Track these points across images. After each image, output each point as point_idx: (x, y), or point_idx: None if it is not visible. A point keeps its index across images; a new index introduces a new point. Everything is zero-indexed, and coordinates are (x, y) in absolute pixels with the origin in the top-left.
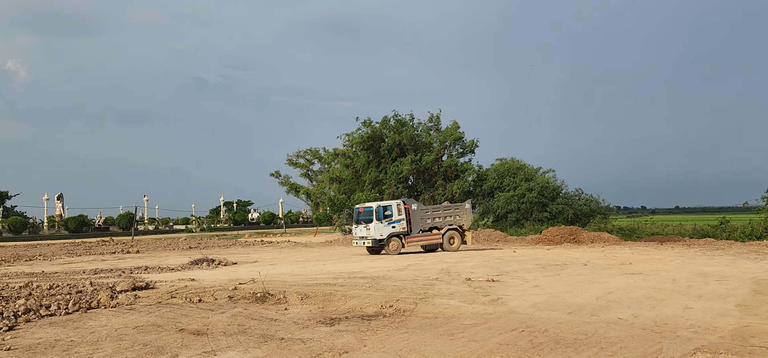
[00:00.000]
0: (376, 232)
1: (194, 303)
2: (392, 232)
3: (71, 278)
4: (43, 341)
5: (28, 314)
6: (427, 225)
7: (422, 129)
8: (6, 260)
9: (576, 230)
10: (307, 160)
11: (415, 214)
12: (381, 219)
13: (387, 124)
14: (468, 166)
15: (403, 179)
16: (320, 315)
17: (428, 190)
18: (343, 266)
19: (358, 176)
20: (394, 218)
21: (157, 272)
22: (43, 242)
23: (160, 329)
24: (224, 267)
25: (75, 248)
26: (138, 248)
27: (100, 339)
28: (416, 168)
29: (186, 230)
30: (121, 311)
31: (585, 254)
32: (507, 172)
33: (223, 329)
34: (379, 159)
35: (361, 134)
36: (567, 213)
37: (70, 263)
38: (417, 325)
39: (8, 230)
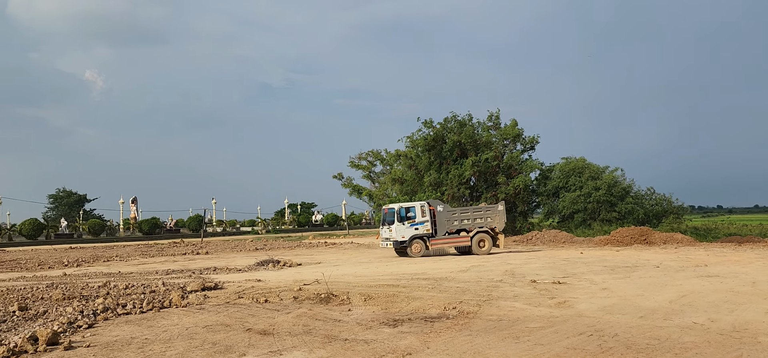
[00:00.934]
0: (398, 233)
1: (261, 303)
2: (415, 234)
3: (145, 278)
4: (120, 339)
5: (106, 312)
6: (455, 227)
7: (482, 128)
8: (86, 261)
9: (647, 231)
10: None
11: (441, 216)
12: (403, 221)
13: (448, 125)
14: (531, 162)
15: (464, 180)
16: (383, 316)
17: (490, 189)
18: (405, 267)
19: (420, 178)
20: (418, 219)
21: (225, 272)
22: (119, 243)
23: (228, 328)
24: (289, 268)
25: (148, 249)
26: (207, 250)
27: (172, 338)
28: (477, 169)
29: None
30: (191, 311)
31: (657, 255)
32: (572, 171)
33: (288, 329)
34: (440, 160)
35: (422, 135)
36: (637, 213)
37: (144, 263)
38: (481, 327)
39: (88, 231)
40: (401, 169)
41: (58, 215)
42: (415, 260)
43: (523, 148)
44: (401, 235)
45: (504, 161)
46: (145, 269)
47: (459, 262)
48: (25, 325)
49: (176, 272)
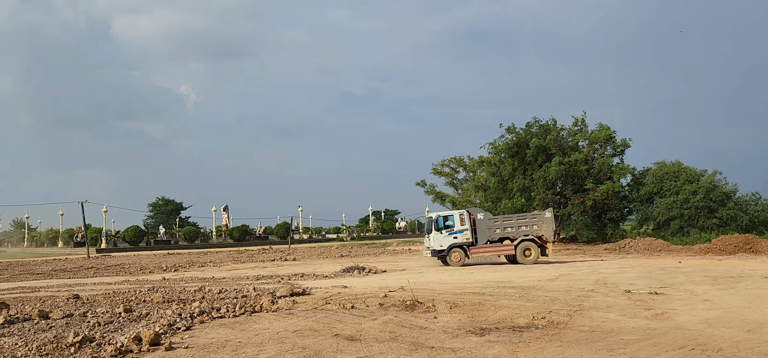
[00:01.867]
0: (436, 242)
1: (347, 309)
2: (454, 242)
3: (237, 283)
4: (215, 341)
5: (202, 315)
6: (497, 236)
7: (567, 133)
8: (182, 266)
9: (753, 239)
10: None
11: (481, 224)
12: (441, 229)
13: (531, 130)
14: (623, 166)
15: (550, 183)
16: (470, 324)
17: (578, 194)
18: (491, 275)
19: (505, 184)
20: (456, 228)
21: (312, 278)
22: (212, 249)
23: (316, 333)
24: (374, 275)
25: (239, 255)
26: (294, 256)
27: (264, 341)
28: (564, 171)
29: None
30: (281, 315)
31: (764, 265)
32: (667, 176)
33: (375, 335)
34: (525, 165)
35: (505, 141)
36: (741, 220)
37: (236, 269)
38: (572, 338)
39: (183, 238)
40: (484, 176)
41: (156, 223)
42: (501, 268)
43: (613, 151)
44: (439, 244)
45: (593, 166)
46: (236, 274)
47: (547, 270)
48: (129, 326)
49: (266, 277)
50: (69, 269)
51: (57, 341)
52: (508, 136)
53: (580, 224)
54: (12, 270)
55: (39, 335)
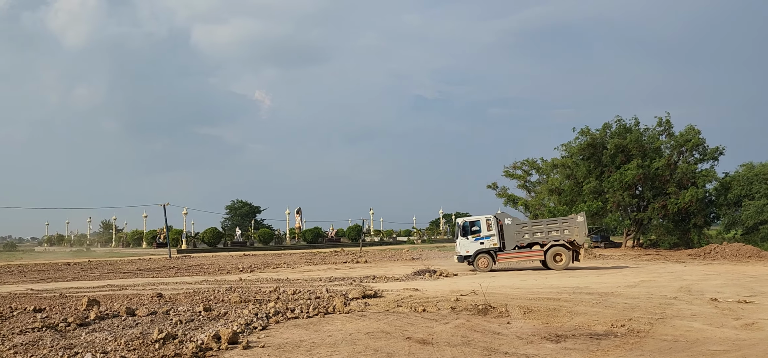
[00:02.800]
0: (462, 248)
1: (419, 313)
2: (480, 248)
3: (310, 285)
4: (290, 341)
5: (277, 316)
6: (526, 241)
7: (649, 134)
8: (258, 267)
9: None
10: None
11: (509, 229)
12: (467, 235)
13: (608, 131)
14: (709, 173)
15: (628, 186)
16: (545, 331)
17: (658, 198)
18: (566, 280)
19: (579, 186)
20: (483, 233)
21: (383, 281)
22: (285, 251)
23: (388, 336)
24: (445, 278)
25: (312, 257)
26: (365, 259)
27: (337, 342)
28: (644, 174)
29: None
30: (353, 317)
31: None
32: (756, 178)
33: (447, 339)
34: (600, 168)
35: (579, 143)
36: None
37: (309, 271)
38: (654, 347)
39: (258, 240)
40: (558, 179)
41: (233, 225)
42: (577, 274)
43: (700, 157)
44: (465, 249)
45: (678, 169)
46: (309, 276)
47: (626, 276)
48: (209, 324)
49: (338, 279)
50: (152, 268)
51: (143, 337)
52: (582, 138)
53: (661, 229)
54: (101, 269)
55: (126, 330)
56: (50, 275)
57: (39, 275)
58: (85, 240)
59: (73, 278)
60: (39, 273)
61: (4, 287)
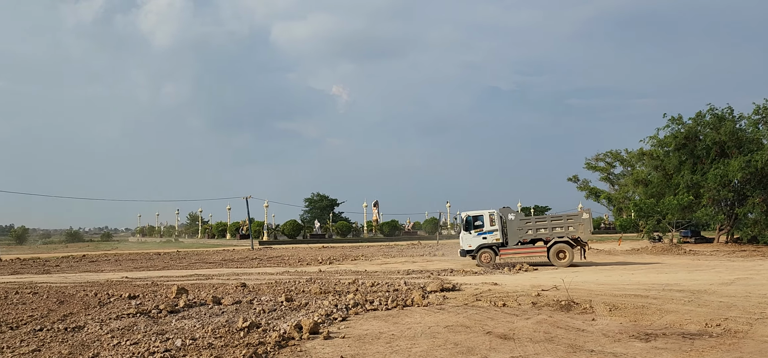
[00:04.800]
0: (465, 242)
1: (498, 307)
2: (483, 243)
3: (388, 277)
4: (370, 333)
5: (356, 307)
6: (529, 237)
7: (747, 123)
8: (336, 259)
9: None
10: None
11: (512, 224)
12: (470, 229)
13: (701, 121)
14: None
15: (727, 181)
16: (633, 329)
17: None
18: (654, 276)
19: (669, 179)
20: (486, 228)
21: (461, 275)
22: (363, 243)
23: (468, 330)
24: (525, 272)
25: (389, 250)
26: (442, 251)
27: (416, 335)
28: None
29: None
30: (432, 310)
31: None
32: None
33: (529, 335)
34: (694, 160)
35: (671, 133)
36: None
37: (386, 263)
38: (754, 350)
39: (337, 232)
40: (645, 171)
41: (312, 217)
42: (666, 269)
43: None
44: (468, 244)
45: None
46: (387, 268)
47: (720, 273)
48: (290, 314)
49: (415, 272)
50: (236, 259)
51: (228, 326)
52: (674, 128)
53: (762, 223)
54: (189, 259)
55: (213, 318)
56: (143, 264)
57: (132, 264)
58: (174, 231)
59: (163, 267)
60: (132, 262)
61: (102, 275)
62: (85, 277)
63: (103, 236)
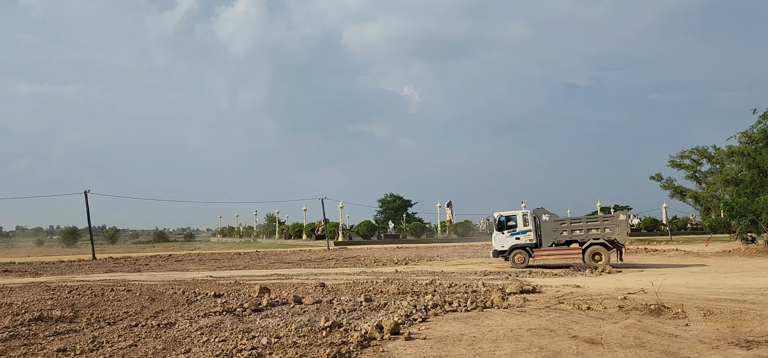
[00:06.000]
0: (498, 242)
1: (583, 310)
2: (516, 244)
3: (465, 278)
4: (451, 334)
5: (436, 308)
6: (563, 238)
7: None
8: (411, 260)
9: None
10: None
11: (546, 225)
12: (503, 229)
13: None
14: None
15: None
16: (731, 335)
17: None
18: (750, 280)
19: (764, 176)
20: (519, 228)
21: (540, 276)
22: (437, 244)
23: (552, 333)
24: (608, 275)
25: (464, 250)
26: None
27: (498, 338)
28: None
29: None
30: (512, 313)
31: None
32: None
33: (618, 340)
34: None
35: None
36: None
37: (462, 264)
38: None
39: (411, 233)
40: (735, 169)
41: (386, 218)
42: (760, 273)
43: None
44: (501, 244)
45: None
46: (463, 269)
47: None
48: (370, 314)
49: (492, 273)
50: (313, 259)
51: (311, 325)
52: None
53: None
54: (268, 259)
55: (295, 317)
56: (225, 264)
57: (215, 263)
58: (252, 232)
59: (244, 267)
60: (215, 261)
61: (188, 274)
62: (173, 275)
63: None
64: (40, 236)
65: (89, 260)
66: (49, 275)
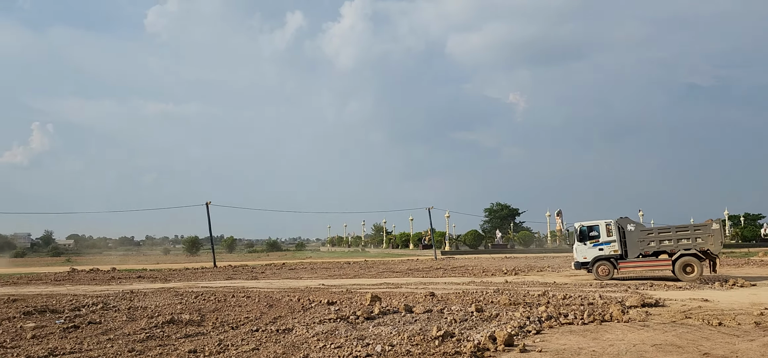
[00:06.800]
0: (580, 254)
1: (713, 326)
2: (599, 255)
3: (580, 289)
4: (568, 348)
5: (550, 320)
6: (651, 249)
7: None
8: (521, 270)
9: None
10: None
11: (632, 235)
12: (585, 240)
13: None
14: None
15: None
16: None
17: None
18: None
19: None
20: (602, 239)
21: (663, 289)
22: (547, 254)
23: (680, 350)
24: (740, 288)
25: None
26: None
27: (620, 353)
28: None
29: None
30: (634, 327)
31: None
32: None
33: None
34: None
35: None
36: None
37: (575, 275)
38: None
39: (519, 242)
40: None
41: (492, 227)
42: None
43: None
44: (583, 255)
45: None
46: (577, 280)
47: None
48: (482, 325)
49: (610, 285)
50: (420, 268)
51: (423, 334)
52: None
53: None
54: (376, 268)
55: (407, 326)
56: (335, 272)
57: (326, 272)
58: (360, 241)
59: (353, 276)
60: (326, 270)
61: (301, 282)
62: (287, 283)
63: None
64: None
65: (211, 267)
66: (177, 281)
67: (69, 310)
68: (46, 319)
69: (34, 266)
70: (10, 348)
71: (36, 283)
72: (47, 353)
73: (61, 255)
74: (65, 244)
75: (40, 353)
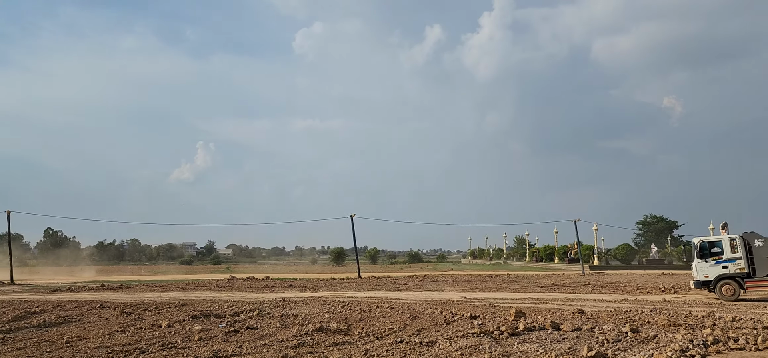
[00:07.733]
0: (700, 272)
1: None
2: (722, 273)
3: (752, 311)
4: None
5: (717, 344)
6: None
7: None
8: (681, 288)
9: None
10: None
11: (760, 252)
12: (705, 257)
13: None
14: None
15: None
16: None
17: None
18: None
19: None
20: (726, 256)
21: None
22: None
23: None
24: None
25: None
26: None
27: None
28: None
29: None
30: None
31: None
32: None
33: None
34: None
35: None
36: None
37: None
38: None
39: (678, 258)
40: None
41: (646, 241)
42: None
43: None
44: (704, 274)
45: None
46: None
47: None
48: (637, 346)
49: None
50: (567, 283)
51: (572, 353)
52: None
53: None
54: (520, 282)
55: (554, 344)
56: (477, 285)
57: (468, 285)
58: (502, 254)
59: (496, 289)
60: (468, 283)
61: (443, 294)
62: (429, 295)
63: (439, 258)
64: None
65: (355, 278)
66: (324, 291)
67: (230, 315)
68: (210, 323)
69: (199, 273)
70: (181, 348)
71: (201, 289)
72: (212, 354)
73: (221, 264)
74: (225, 253)
75: (206, 354)
